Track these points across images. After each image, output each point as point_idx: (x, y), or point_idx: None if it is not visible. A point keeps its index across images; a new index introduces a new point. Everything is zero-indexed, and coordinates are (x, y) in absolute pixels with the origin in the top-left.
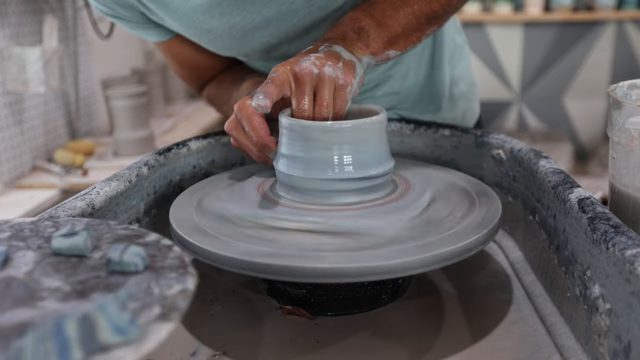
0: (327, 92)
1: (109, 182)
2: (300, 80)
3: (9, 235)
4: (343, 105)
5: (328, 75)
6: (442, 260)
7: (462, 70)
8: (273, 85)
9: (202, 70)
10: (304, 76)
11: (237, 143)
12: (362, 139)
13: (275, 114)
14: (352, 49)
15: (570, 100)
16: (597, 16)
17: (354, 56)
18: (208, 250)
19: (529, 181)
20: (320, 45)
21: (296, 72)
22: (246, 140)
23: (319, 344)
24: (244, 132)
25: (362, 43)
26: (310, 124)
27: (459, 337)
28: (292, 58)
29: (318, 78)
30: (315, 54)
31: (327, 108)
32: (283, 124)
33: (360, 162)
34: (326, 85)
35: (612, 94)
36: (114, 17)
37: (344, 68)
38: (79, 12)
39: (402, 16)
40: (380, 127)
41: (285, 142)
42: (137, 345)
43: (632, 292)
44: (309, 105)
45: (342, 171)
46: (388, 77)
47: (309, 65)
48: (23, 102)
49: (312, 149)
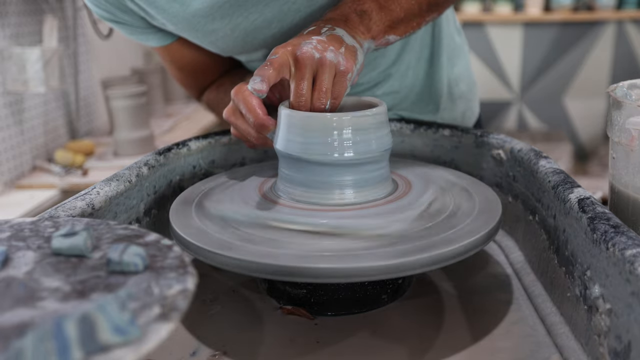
0: (327, 78)
1: (109, 182)
2: (301, 64)
3: (9, 235)
4: (342, 92)
5: (329, 61)
6: (442, 260)
7: (461, 70)
8: (271, 67)
9: (202, 74)
10: (304, 60)
11: (236, 130)
12: (363, 129)
13: (275, 101)
14: (354, 32)
15: (570, 100)
16: (597, 16)
17: (356, 41)
18: (208, 250)
19: (529, 181)
20: (322, 27)
21: (297, 56)
22: (244, 125)
23: (319, 344)
24: (241, 117)
25: (364, 27)
26: (311, 116)
27: (459, 337)
28: (293, 39)
29: (319, 63)
30: (317, 36)
31: (326, 94)
32: (282, 114)
33: (362, 142)
34: (327, 70)
35: (612, 94)
36: (113, 22)
37: (346, 54)
38: (79, 12)
39: (404, 0)
40: (380, 119)
41: (285, 130)
42: (137, 345)
43: (632, 292)
44: (308, 90)
45: (342, 137)
46: (388, 75)
47: (311, 49)
48: (23, 102)
49: (312, 137)
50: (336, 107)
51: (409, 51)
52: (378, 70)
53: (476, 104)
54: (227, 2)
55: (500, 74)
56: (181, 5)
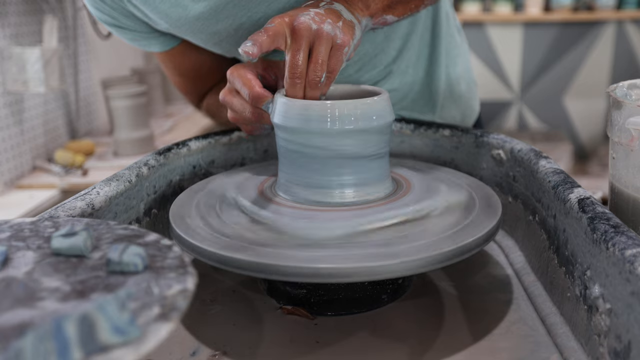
0: (323, 50)
1: (108, 182)
2: (298, 34)
3: (8, 235)
4: (338, 66)
5: (326, 33)
6: (442, 260)
7: (461, 70)
8: (265, 34)
9: (203, 79)
10: (301, 30)
11: (233, 112)
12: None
13: (271, 81)
14: (352, 9)
15: (570, 100)
16: (597, 16)
17: (354, 17)
18: (208, 250)
19: (529, 181)
20: (321, 1)
21: (294, 26)
22: (240, 101)
23: (318, 344)
24: (237, 94)
25: (362, 4)
26: (309, 104)
27: (459, 337)
28: (291, 11)
29: (316, 34)
30: (315, 9)
31: (322, 66)
32: (279, 102)
33: (362, 115)
34: (323, 42)
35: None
36: (116, 27)
37: (344, 27)
38: (79, 12)
39: None
40: (383, 104)
41: (282, 110)
42: (137, 345)
43: (632, 292)
44: (304, 62)
45: (343, 113)
46: (389, 72)
47: (308, 20)
48: (23, 102)
49: (311, 114)
50: (331, 81)
51: (409, 48)
52: (379, 68)
53: (476, 104)
54: (230, 2)
55: (500, 74)
56: (184, 9)
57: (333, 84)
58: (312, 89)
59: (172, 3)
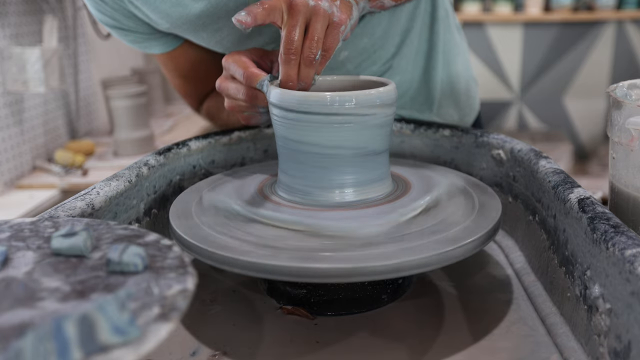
0: (320, 27)
1: (108, 182)
2: (294, 9)
3: (8, 236)
4: (334, 44)
5: (323, 10)
6: (442, 260)
7: (460, 68)
8: (261, 6)
9: (204, 80)
10: (298, 6)
11: (228, 99)
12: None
13: (267, 68)
14: None
15: (570, 100)
16: (597, 16)
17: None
18: (208, 250)
19: (529, 181)
20: None
21: (291, 1)
22: (234, 85)
23: (318, 344)
24: (232, 79)
25: None
26: (308, 96)
27: (459, 337)
28: None
29: (313, 10)
30: None
31: (317, 43)
32: (272, 95)
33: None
34: (320, 19)
35: (612, 94)
36: (117, 29)
37: (341, 6)
38: (79, 12)
39: None
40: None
41: (278, 95)
42: (137, 345)
43: (632, 292)
44: (299, 38)
45: (343, 98)
46: (388, 68)
47: None
48: (23, 102)
49: (310, 99)
50: (326, 60)
51: (408, 45)
52: (378, 64)
53: (476, 103)
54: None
55: (500, 74)
56: (184, 8)
57: (342, 75)
58: (307, 66)
59: (173, 2)
